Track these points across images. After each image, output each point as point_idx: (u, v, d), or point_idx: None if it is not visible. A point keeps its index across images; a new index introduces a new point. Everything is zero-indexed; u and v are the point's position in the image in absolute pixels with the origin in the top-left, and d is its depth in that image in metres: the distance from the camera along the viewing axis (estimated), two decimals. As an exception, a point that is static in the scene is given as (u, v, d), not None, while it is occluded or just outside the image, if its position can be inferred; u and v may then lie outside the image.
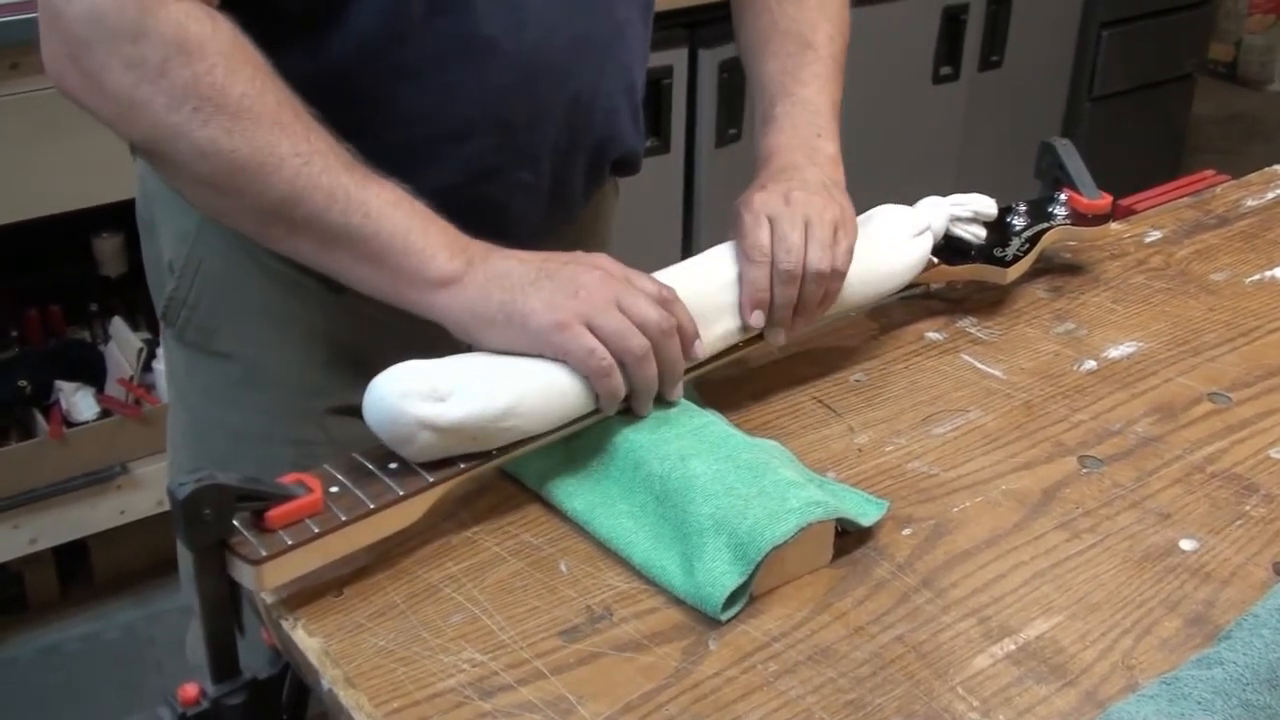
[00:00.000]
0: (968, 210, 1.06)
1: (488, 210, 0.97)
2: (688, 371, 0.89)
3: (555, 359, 0.82)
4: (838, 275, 0.94)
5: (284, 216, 0.82)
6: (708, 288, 0.92)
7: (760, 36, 1.07)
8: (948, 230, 1.06)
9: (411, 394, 0.77)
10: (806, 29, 1.05)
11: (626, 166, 1.11)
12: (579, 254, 0.86)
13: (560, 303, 0.82)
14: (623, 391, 0.83)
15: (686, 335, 0.86)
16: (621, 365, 0.82)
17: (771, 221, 0.93)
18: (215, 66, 0.80)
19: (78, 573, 2.18)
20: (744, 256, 0.93)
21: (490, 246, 0.86)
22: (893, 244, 1.01)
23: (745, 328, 0.93)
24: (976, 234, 1.07)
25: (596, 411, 0.85)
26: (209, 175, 0.81)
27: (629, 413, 0.86)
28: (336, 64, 0.89)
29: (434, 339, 0.85)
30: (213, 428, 1.05)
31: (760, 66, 1.06)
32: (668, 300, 0.85)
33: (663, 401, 0.87)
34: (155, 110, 0.80)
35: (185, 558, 1.12)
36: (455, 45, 0.91)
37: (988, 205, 1.07)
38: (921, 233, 1.02)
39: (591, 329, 0.82)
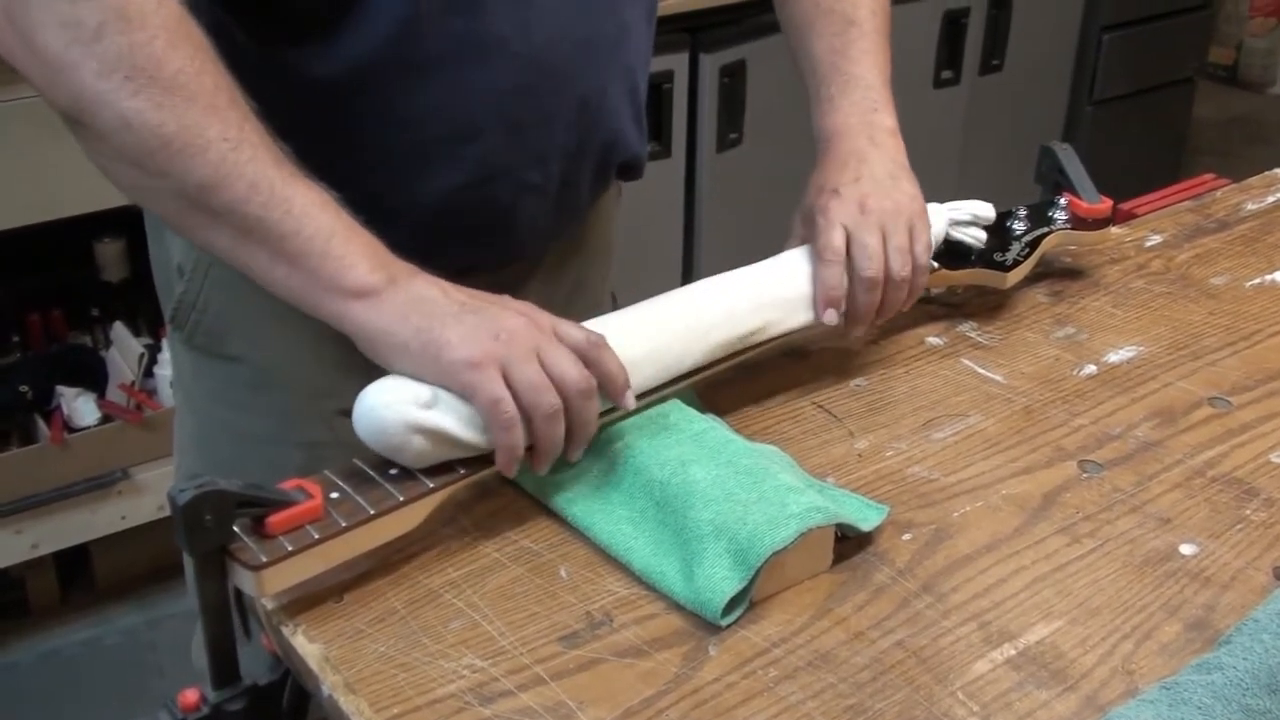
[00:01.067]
0: (965, 214, 1.06)
1: (495, 211, 0.97)
2: (677, 383, 0.89)
3: (462, 394, 0.79)
4: (920, 272, 0.97)
5: (203, 203, 0.79)
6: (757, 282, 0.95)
7: (804, 19, 1.08)
8: (948, 235, 1.06)
9: (397, 403, 0.77)
10: (848, 7, 1.07)
11: (630, 170, 1.11)
12: (506, 297, 0.84)
13: (479, 340, 0.79)
14: (521, 449, 0.79)
15: (614, 385, 0.82)
16: (529, 420, 0.79)
17: (848, 230, 0.95)
18: (155, 38, 0.77)
19: (79, 578, 2.18)
20: (817, 257, 0.95)
21: (415, 269, 0.83)
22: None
23: (814, 322, 0.96)
24: (976, 237, 1.07)
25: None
26: (132, 149, 0.78)
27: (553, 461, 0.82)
28: (349, 63, 0.89)
29: None
30: (221, 431, 1.05)
31: (808, 48, 1.08)
32: (596, 347, 0.82)
33: (662, 405, 0.88)
34: (84, 74, 0.77)
35: (190, 562, 1.12)
36: (466, 45, 0.91)
37: (985, 209, 1.07)
38: None
39: (505, 376, 0.78)
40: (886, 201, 0.97)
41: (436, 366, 0.79)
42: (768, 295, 0.95)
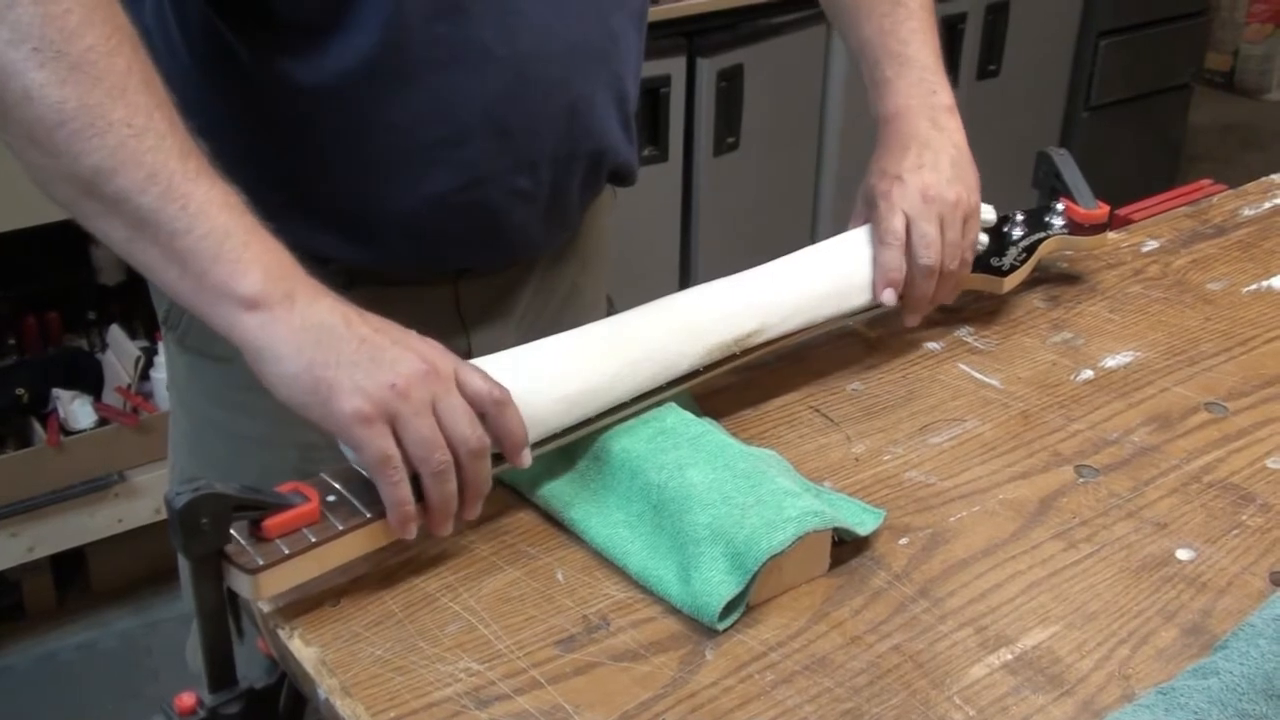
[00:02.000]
0: None
1: (486, 216, 0.98)
2: (687, 379, 0.89)
3: (350, 447, 0.76)
4: (966, 267, 1.02)
5: (97, 189, 0.75)
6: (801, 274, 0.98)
7: (851, 4, 1.10)
8: None
9: None
10: None
11: (622, 177, 1.11)
12: (413, 334, 0.80)
13: (371, 391, 0.74)
14: (411, 506, 0.76)
15: (511, 444, 0.79)
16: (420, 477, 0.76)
17: (908, 217, 0.98)
18: (70, 12, 0.74)
19: (75, 581, 2.18)
20: (879, 240, 0.99)
21: (322, 289, 0.78)
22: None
23: (870, 304, 1.00)
24: (979, 241, 1.07)
25: (590, 422, 0.85)
26: (30, 123, 0.75)
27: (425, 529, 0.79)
28: (337, 70, 0.89)
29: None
30: (214, 433, 1.05)
31: (857, 31, 1.09)
32: (496, 403, 0.78)
33: (659, 408, 0.88)
34: None
35: (185, 565, 1.12)
36: (452, 51, 0.91)
37: (986, 211, 1.07)
38: None
39: (395, 429, 0.75)
40: (949, 193, 0.99)
41: (324, 410, 0.75)
42: (770, 296, 0.95)
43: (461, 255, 1.01)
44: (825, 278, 0.99)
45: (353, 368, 0.75)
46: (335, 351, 0.75)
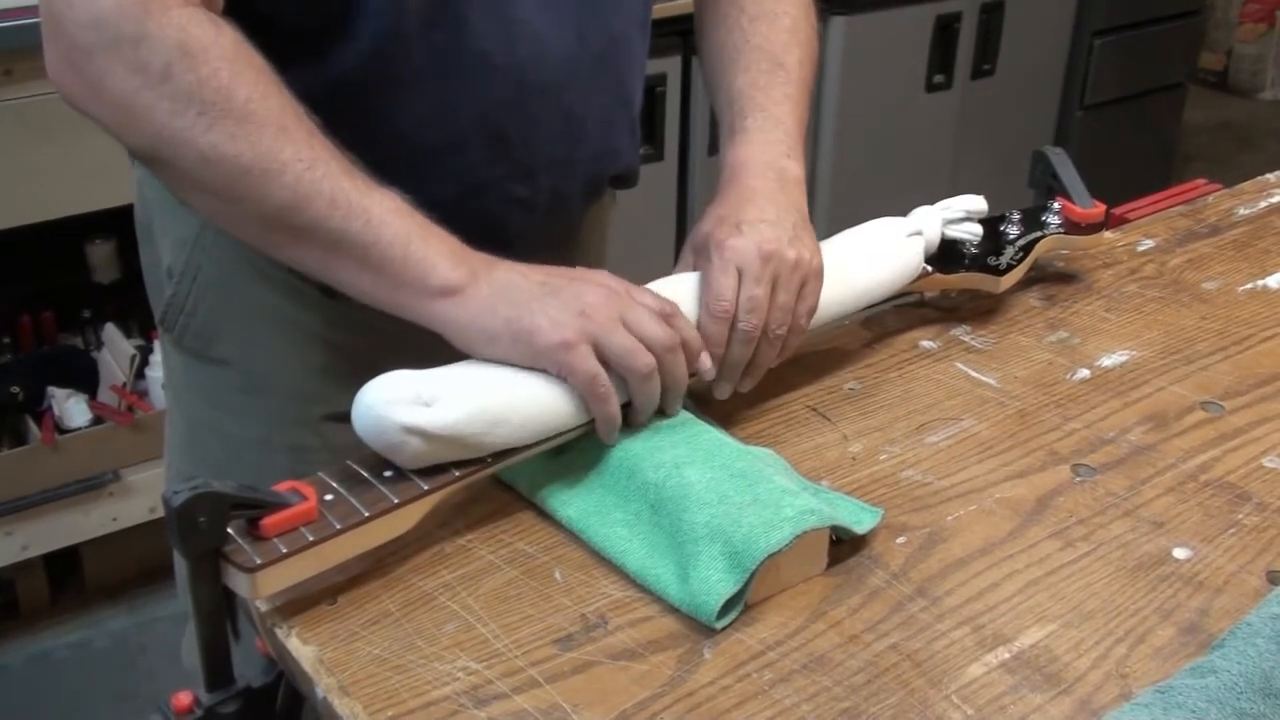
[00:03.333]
0: (958, 211, 1.06)
1: (485, 224, 0.97)
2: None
3: (560, 374, 0.82)
4: (796, 333, 0.93)
5: (286, 223, 0.82)
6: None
7: (730, 52, 1.06)
8: (944, 234, 1.06)
9: (397, 401, 0.77)
10: (779, 49, 1.04)
11: (624, 181, 1.11)
12: (582, 270, 0.86)
13: (566, 320, 0.81)
14: (619, 418, 0.83)
15: (691, 349, 0.86)
16: (626, 383, 0.83)
17: (740, 273, 0.90)
18: (219, 70, 0.80)
19: (69, 580, 2.18)
20: (705, 307, 0.90)
21: (492, 259, 0.85)
22: (884, 250, 1.01)
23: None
24: (971, 232, 1.07)
25: (590, 421, 0.85)
26: (212, 181, 0.81)
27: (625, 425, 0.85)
28: (335, 77, 0.90)
29: (431, 346, 0.85)
30: (209, 434, 1.05)
31: (730, 80, 1.05)
32: (671, 315, 0.85)
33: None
34: (159, 116, 0.79)
35: (180, 563, 1.11)
36: (450, 60, 0.91)
37: (977, 202, 1.07)
38: (912, 235, 1.02)
39: (597, 348, 0.82)
40: (789, 252, 0.91)
41: (531, 350, 0.81)
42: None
43: None
44: (829, 280, 0.98)
45: (543, 307, 0.82)
46: (525, 302, 0.82)
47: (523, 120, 0.96)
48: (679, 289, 0.92)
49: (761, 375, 0.94)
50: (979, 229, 1.07)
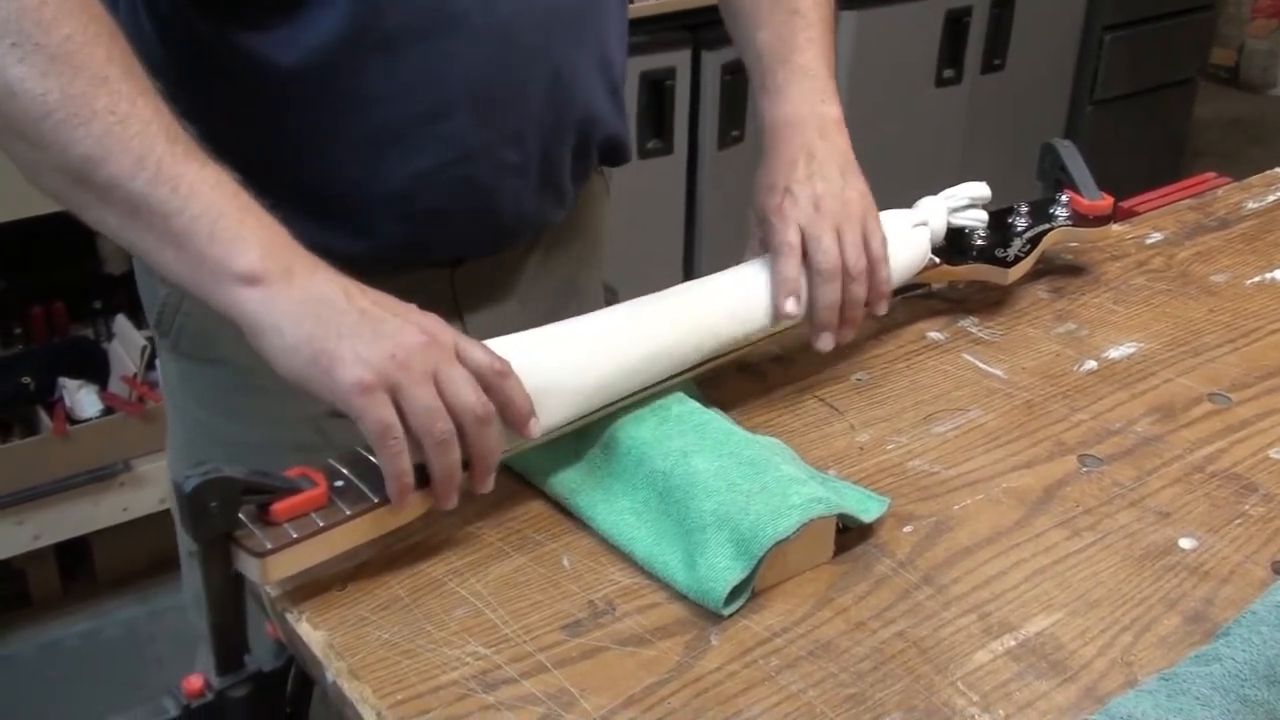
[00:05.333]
0: (962, 198, 1.07)
1: (476, 193, 0.97)
2: (690, 372, 0.90)
3: (351, 417, 0.76)
4: (878, 265, 0.96)
5: (87, 178, 0.76)
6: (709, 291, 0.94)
7: (748, 7, 1.07)
8: (950, 223, 1.06)
9: None
10: None
11: (614, 153, 1.10)
12: (413, 308, 0.79)
13: (373, 360, 0.74)
14: (410, 477, 0.75)
15: (516, 414, 0.79)
16: (423, 447, 0.76)
17: (802, 229, 0.94)
18: (44, 4, 0.75)
19: (79, 569, 2.19)
20: (773, 254, 0.94)
21: (320, 264, 0.78)
22: (891, 242, 1.01)
23: (775, 319, 0.94)
24: (977, 219, 1.07)
25: (599, 410, 0.85)
26: (16, 118, 0.75)
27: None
28: (312, 46, 0.88)
29: None
30: (207, 438, 1.05)
31: (752, 35, 1.06)
32: (498, 374, 0.78)
33: (663, 397, 0.88)
34: None
35: (185, 554, 1.12)
36: (430, 21, 0.90)
37: (980, 189, 1.07)
38: (918, 225, 1.03)
39: (396, 399, 0.75)
40: (838, 202, 0.95)
41: (325, 381, 0.75)
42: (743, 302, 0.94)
43: (454, 237, 1.00)
44: None
45: (354, 338, 0.75)
46: (335, 324, 0.75)
47: (507, 81, 0.94)
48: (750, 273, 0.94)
49: (859, 322, 0.96)
50: (984, 215, 1.07)
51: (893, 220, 1.03)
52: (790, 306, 0.93)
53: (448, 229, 0.99)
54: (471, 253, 1.03)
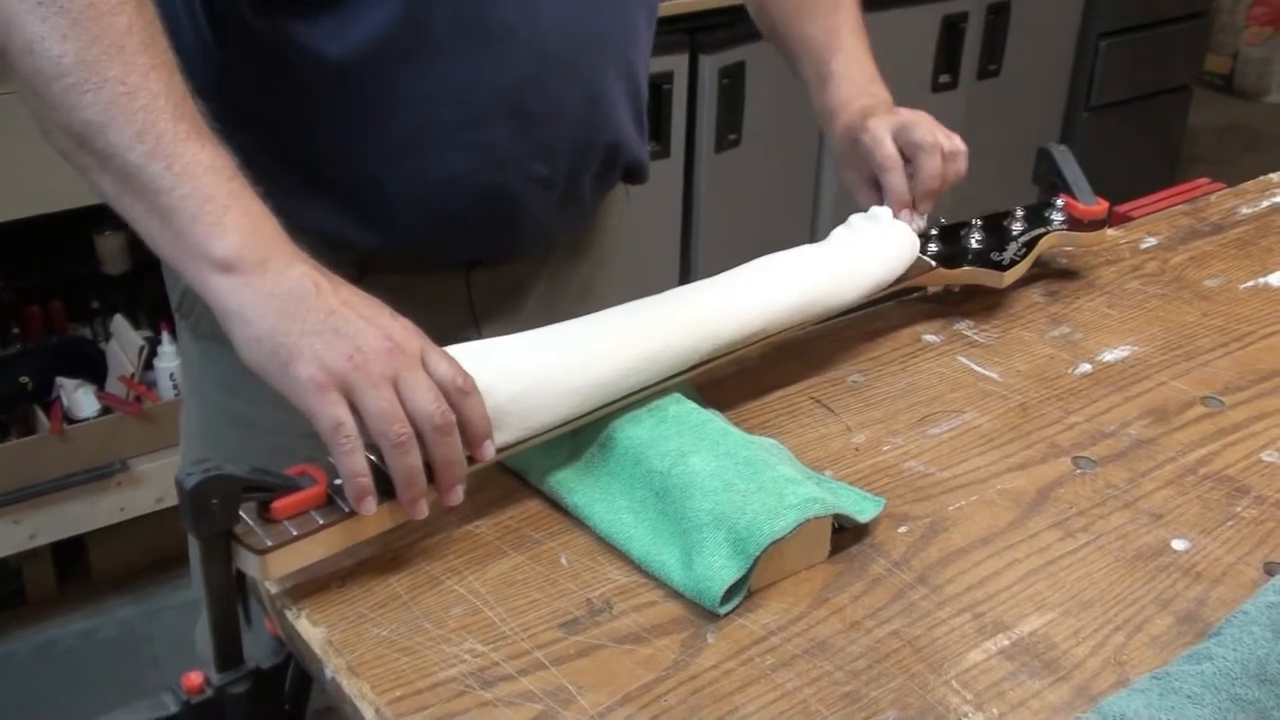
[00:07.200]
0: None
1: (502, 201, 0.98)
2: (684, 375, 0.90)
3: (304, 414, 0.76)
4: (960, 151, 1.08)
5: (89, 143, 0.77)
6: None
7: (792, 4, 1.16)
8: (942, 227, 1.09)
9: None
10: None
11: (634, 175, 1.12)
12: (386, 311, 0.79)
13: (330, 360, 0.75)
14: (367, 479, 0.75)
15: (472, 433, 0.78)
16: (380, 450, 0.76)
17: (894, 134, 1.05)
18: None
19: (76, 569, 2.19)
20: (878, 168, 1.05)
21: (300, 256, 0.79)
22: (882, 234, 1.03)
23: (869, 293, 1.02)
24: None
25: (596, 410, 0.86)
26: (30, 75, 0.77)
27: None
28: (359, 42, 0.90)
29: (442, 334, 0.85)
30: (226, 420, 1.06)
31: (800, 30, 1.15)
32: (459, 390, 0.77)
33: (661, 397, 0.89)
34: None
35: (194, 547, 1.12)
36: (474, 30, 0.92)
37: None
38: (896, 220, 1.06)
39: (352, 402, 0.75)
40: (911, 113, 1.08)
41: (281, 375, 0.76)
42: (778, 294, 0.95)
43: (474, 242, 1.02)
44: (830, 275, 0.99)
45: (314, 336, 0.76)
46: (300, 319, 0.76)
47: (545, 98, 0.97)
48: (858, 240, 1.02)
49: (939, 193, 1.07)
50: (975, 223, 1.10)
51: (876, 214, 1.06)
52: (907, 217, 1.05)
53: (467, 232, 1.00)
54: (488, 257, 1.04)
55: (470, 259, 1.04)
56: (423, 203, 0.97)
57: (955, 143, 1.07)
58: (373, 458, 0.79)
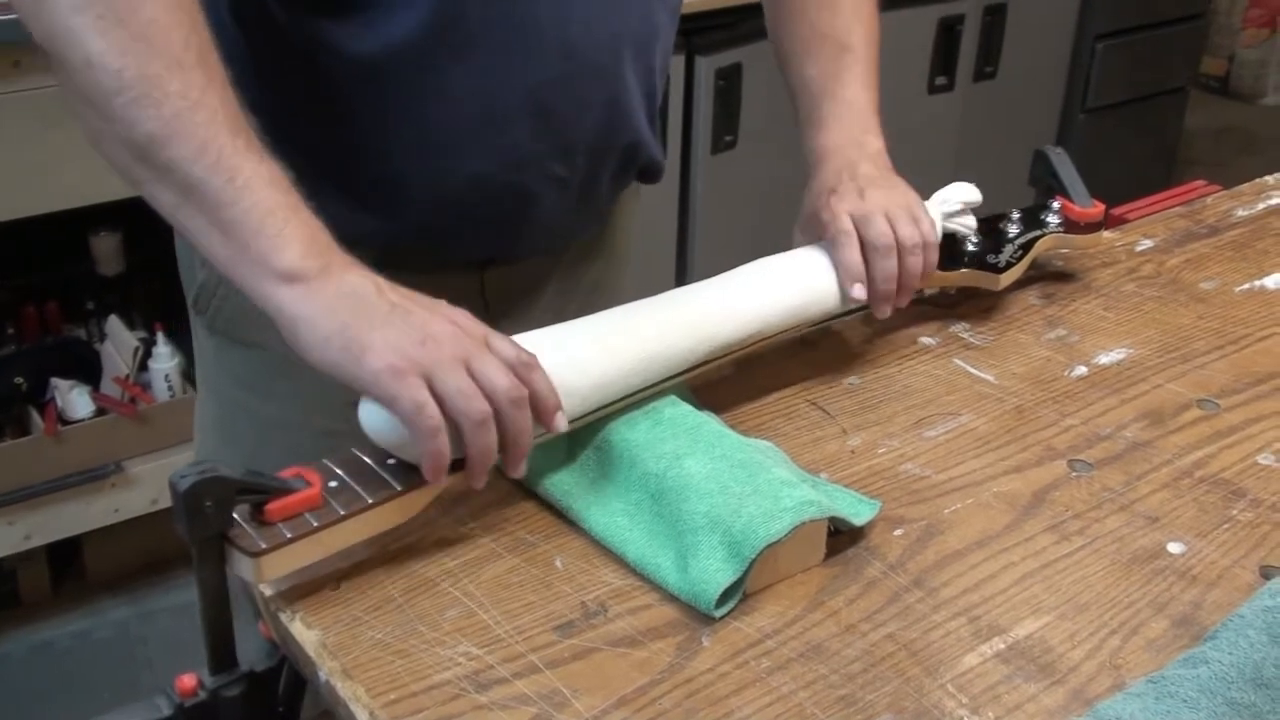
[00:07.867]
0: (955, 203, 1.08)
1: (520, 200, 0.98)
2: (693, 370, 0.90)
3: (383, 402, 0.77)
4: (930, 246, 1.00)
5: (150, 156, 0.78)
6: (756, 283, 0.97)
7: (800, 44, 1.12)
8: (944, 228, 1.07)
9: None
10: (843, 33, 1.10)
11: (650, 173, 1.12)
12: (442, 302, 0.82)
13: (403, 347, 0.77)
14: (448, 457, 0.77)
15: (544, 406, 0.80)
16: (458, 429, 0.77)
17: (853, 217, 0.99)
18: None
19: (70, 570, 2.18)
20: (831, 243, 0.99)
21: (355, 263, 0.81)
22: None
23: (839, 308, 1.00)
24: (967, 225, 1.08)
25: (593, 412, 0.86)
26: (89, 89, 0.78)
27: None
28: (388, 42, 0.90)
29: None
30: (242, 415, 1.06)
31: (801, 71, 1.11)
32: (526, 366, 0.80)
33: (656, 400, 0.89)
34: (60, 7, 0.77)
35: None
36: (504, 32, 0.92)
37: (971, 193, 1.08)
38: None
39: (429, 384, 0.76)
40: (881, 193, 1.01)
41: (357, 369, 0.77)
42: (776, 295, 0.96)
43: (489, 240, 1.02)
44: (827, 277, 0.99)
45: (384, 328, 0.77)
46: (368, 316, 0.78)
47: (568, 98, 0.97)
48: (799, 261, 1.00)
49: (913, 290, 1.01)
50: (974, 222, 1.08)
51: (933, 207, 1.06)
52: (858, 292, 0.98)
53: (484, 231, 1.01)
54: (500, 256, 1.04)
55: (485, 257, 1.04)
56: (442, 201, 0.97)
57: (919, 232, 1.00)
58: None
